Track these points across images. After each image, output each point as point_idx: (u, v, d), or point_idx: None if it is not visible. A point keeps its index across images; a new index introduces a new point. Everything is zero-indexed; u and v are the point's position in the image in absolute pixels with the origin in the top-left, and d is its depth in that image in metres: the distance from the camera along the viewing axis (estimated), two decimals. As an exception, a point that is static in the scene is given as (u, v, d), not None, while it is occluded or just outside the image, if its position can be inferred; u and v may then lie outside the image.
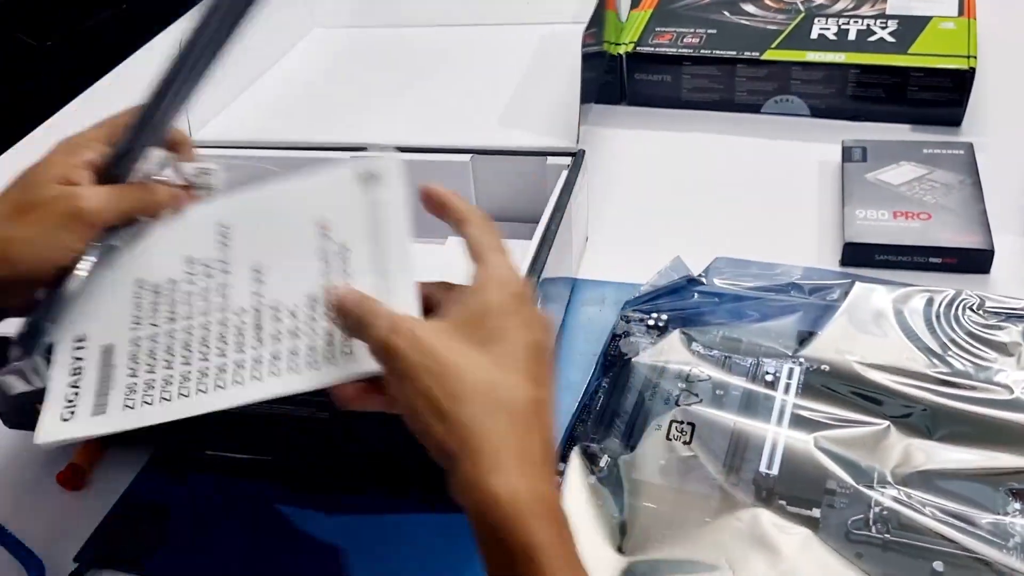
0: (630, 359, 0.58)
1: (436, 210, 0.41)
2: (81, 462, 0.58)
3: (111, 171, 0.44)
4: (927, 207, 0.66)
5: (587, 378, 0.59)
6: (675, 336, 0.59)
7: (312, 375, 0.40)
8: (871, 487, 0.49)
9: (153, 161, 0.46)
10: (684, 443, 0.53)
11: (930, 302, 0.59)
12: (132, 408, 0.41)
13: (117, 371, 0.43)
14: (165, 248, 0.45)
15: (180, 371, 0.42)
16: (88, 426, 0.41)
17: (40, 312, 0.42)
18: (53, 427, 0.42)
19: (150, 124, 0.44)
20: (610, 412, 0.56)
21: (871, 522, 0.47)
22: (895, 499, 0.48)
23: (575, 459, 0.53)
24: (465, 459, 0.34)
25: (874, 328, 0.58)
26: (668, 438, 0.53)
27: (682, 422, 0.54)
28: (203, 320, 0.42)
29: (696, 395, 0.55)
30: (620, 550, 0.49)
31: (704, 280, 0.64)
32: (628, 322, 0.61)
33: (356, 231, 0.41)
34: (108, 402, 0.42)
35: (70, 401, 0.42)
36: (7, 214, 0.42)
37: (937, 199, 0.66)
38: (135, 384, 0.42)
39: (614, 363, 0.59)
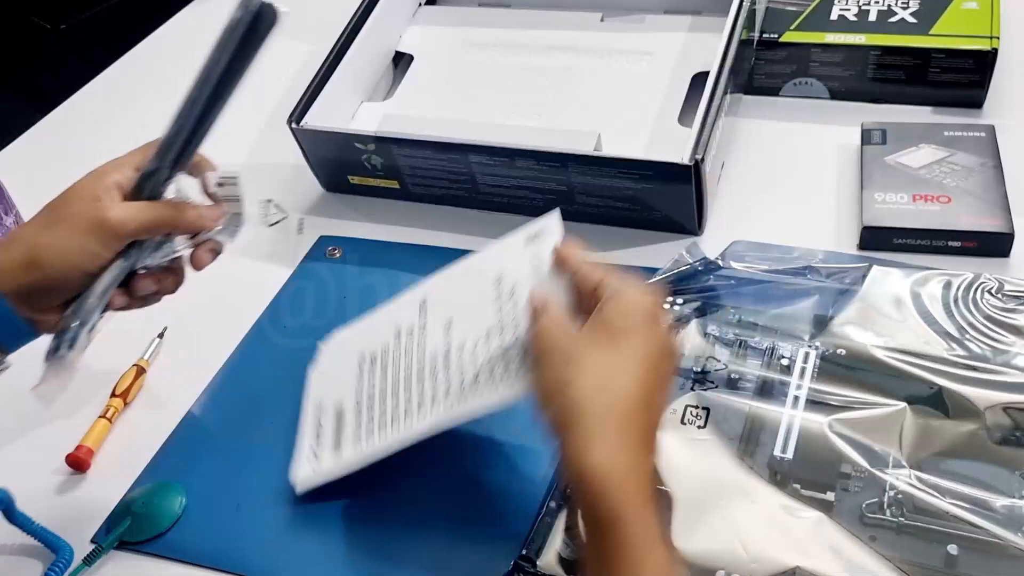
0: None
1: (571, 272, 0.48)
2: (89, 443, 0.58)
3: (137, 191, 0.48)
4: (947, 190, 0.65)
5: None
6: (692, 326, 0.59)
7: (483, 396, 0.48)
8: (886, 471, 0.49)
9: (183, 187, 0.50)
10: (698, 427, 0.53)
11: (948, 286, 0.58)
12: (360, 444, 0.53)
13: (347, 424, 0.55)
14: (380, 327, 0.57)
15: (391, 412, 0.52)
16: (329, 466, 0.54)
17: (69, 314, 0.47)
18: (305, 476, 0.54)
19: (171, 147, 0.48)
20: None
21: (886, 505, 0.47)
22: (910, 483, 0.48)
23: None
24: (569, 433, 0.40)
25: (891, 312, 0.57)
26: (683, 422, 0.53)
27: (697, 406, 0.54)
28: (407, 371, 0.53)
29: (712, 381, 0.55)
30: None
31: (721, 264, 0.64)
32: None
33: (521, 276, 0.49)
34: (342, 445, 0.54)
35: (315, 454, 0.55)
36: (41, 225, 0.47)
37: (957, 182, 0.65)
38: (359, 430, 0.54)
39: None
